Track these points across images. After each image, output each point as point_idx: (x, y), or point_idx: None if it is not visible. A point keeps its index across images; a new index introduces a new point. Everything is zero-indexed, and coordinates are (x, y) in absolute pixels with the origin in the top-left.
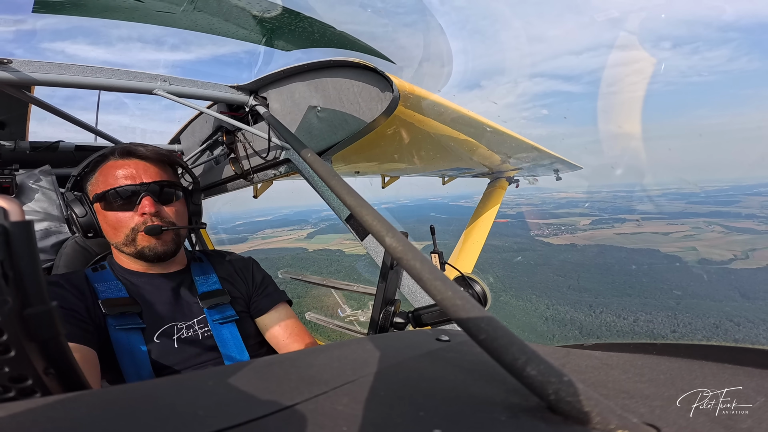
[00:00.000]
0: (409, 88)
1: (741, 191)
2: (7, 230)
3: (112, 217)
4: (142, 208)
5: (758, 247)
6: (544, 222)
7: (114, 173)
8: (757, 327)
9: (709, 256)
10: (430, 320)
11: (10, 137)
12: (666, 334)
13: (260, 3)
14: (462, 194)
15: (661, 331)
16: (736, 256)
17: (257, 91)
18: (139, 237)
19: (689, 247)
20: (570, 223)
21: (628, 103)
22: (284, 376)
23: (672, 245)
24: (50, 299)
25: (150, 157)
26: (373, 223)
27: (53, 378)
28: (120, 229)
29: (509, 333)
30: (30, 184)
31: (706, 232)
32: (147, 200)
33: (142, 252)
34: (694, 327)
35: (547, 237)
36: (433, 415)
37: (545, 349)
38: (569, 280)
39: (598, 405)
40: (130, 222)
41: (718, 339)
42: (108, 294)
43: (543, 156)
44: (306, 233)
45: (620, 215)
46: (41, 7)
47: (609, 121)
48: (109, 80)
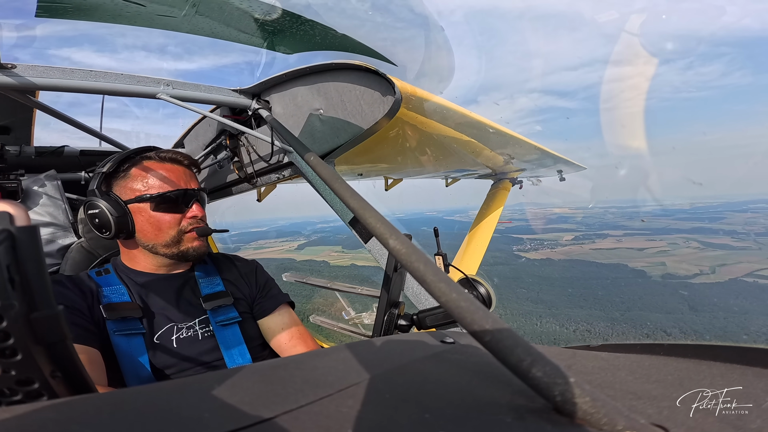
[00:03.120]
0: (411, 90)
1: (729, 207)
2: (14, 235)
3: (160, 218)
4: (193, 212)
5: (728, 263)
6: (528, 237)
7: (162, 175)
8: (686, 337)
9: (676, 271)
10: (435, 322)
11: (15, 142)
12: (596, 343)
13: (262, 6)
14: (457, 209)
15: (590, 341)
16: (702, 271)
17: (260, 95)
18: (186, 238)
19: (658, 263)
20: (553, 239)
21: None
22: (289, 378)
23: (643, 260)
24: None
25: (189, 163)
26: (377, 225)
27: (60, 381)
28: (166, 230)
29: (514, 334)
30: (35, 189)
31: (682, 247)
32: (197, 205)
33: (186, 252)
34: (626, 337)
35: (527, 252)
36: (439, 417)
37: (551, 351)
38: (530, 293)
39: (605, 406)
40: (177, 224)
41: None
42: (110, 298)
43: (546, 157)
44: (297, 244)
45: (604, 231)
46: (44, 11)
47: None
48: (112, 85)
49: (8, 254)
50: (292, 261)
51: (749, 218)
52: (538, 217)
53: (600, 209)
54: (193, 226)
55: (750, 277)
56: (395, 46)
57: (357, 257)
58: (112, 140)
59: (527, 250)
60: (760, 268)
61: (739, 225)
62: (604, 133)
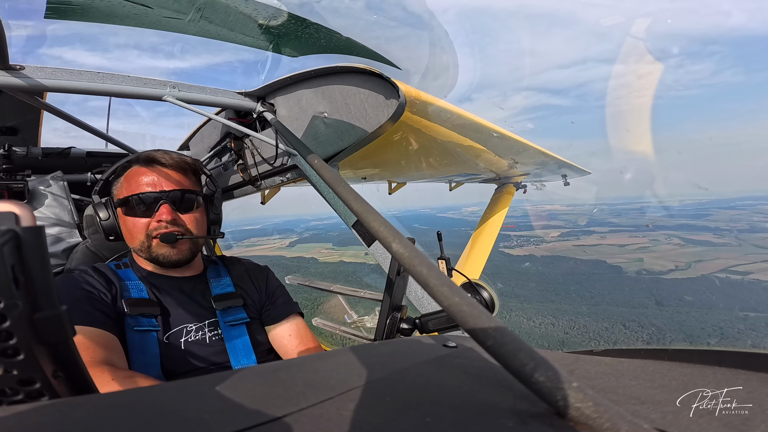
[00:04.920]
0: (415, 94)
1: (717, 205)
2: (19, 235)
3: (130, 222)
4: (159, 215)
5: (705, 259)
6: (516, 234)
7: (137, 180)
8: (645, 329)
9: (651, 267)
10: (437, 326)
11: (22, 143)
12: (558, 335)
13: (267, 10)
14: (449, 206)
15: (553, 333)
16: (677, 266)
17: (265, 98)
18: (154, 243)
19: (636, 259)
20: (540, 235)
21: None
22: (290, 381)
23: (622, 257)
24: (81, 284)
25: (172, 165)
26: (380, 229)
27: (62, 381)
28: (136, 235)
29: (517, 339)
30: (42, 190)
31: (663, 244)
32: (165, 207)
33: (157, 258)
34: (586, 330)
35: (512, 248)
36: (440, 422)
37: (553, 356)
38: (506, 287)
39: (608, 411)
40: (145, 227)
41: (638, 341)
42: (131, 293)
43: (550, 161)
44: (289, 242)
45: (590, 228)
46: (53, 12)
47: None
48: (119, 87)
49: (13, 254)
50: (282, 258)
51: (735, 215)
52: (531, 214)
53: (590, 206)
54: (159, 231)
55: (723, 273)
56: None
57: (346, 254)
58: (119, 142)
59: (513, 246)
60: (735, 264)
61: (724, 222)
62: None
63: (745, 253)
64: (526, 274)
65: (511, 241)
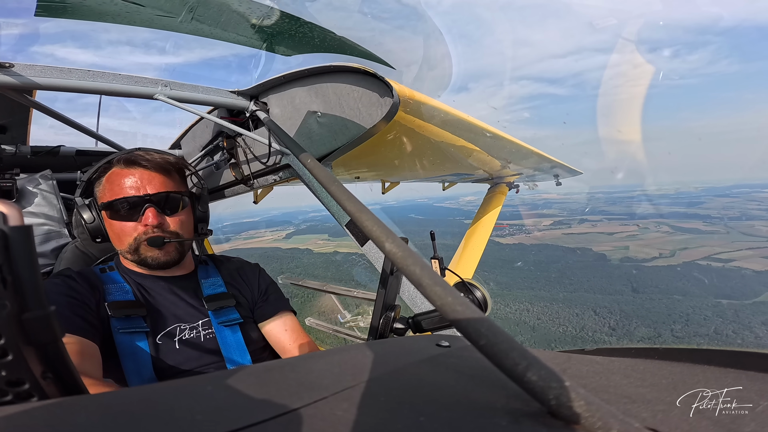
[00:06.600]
0: (408, 94)
1: (712, 193)
2: (6, 235)
3: (116, 226)
4: (145, 220)
5: (690, 247)
6: (509, 222)
7: (119, 182)
8: (613, 316)
9: (636, 255)
10: (430, 326)
11: (11, 141)
12: (531, 321)
13: (260, 9)
14: (448, 196)
15: (526, 319)
16: (661, 254)
17: (258, 97)
18: (142, 247)
19: (622, 246)
20: (531, 224)
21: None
22: (283, 381)
23: (608, 244)
24: (63, 290)
25: (155, 166)
26: (373, 228)
27: (51, 382)
28: (123, 239)
29: (510, 338)
30: (31, 189)
31: (652, 232)
32: (150, 212)
33: (145, 261)
34: (558, 316)
35: (502, 237)
36: (434, 421)
37: (546, 355)
38: (489, 275)
39: (599, 410)
40: (133, 232)
41: (603, 327)
42: (114, 296)
43: (543, 161)
44: (285, 234)
45: (582, 216)
46: (44, 10)
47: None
48: (110, 85)
49: (1, 254)
50: (278, 250)
51: (728, 203)
52: (524, 203)
53: (587, 194)
54: (148, 235)
55: (705, 260)
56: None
57: (341, 245)
58: (109, 140)
59: (503, 235)
60: (719, 251)
61: (715, 210)
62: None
63: (732, 241)
64: (511, 263)
65: (503, 230)
